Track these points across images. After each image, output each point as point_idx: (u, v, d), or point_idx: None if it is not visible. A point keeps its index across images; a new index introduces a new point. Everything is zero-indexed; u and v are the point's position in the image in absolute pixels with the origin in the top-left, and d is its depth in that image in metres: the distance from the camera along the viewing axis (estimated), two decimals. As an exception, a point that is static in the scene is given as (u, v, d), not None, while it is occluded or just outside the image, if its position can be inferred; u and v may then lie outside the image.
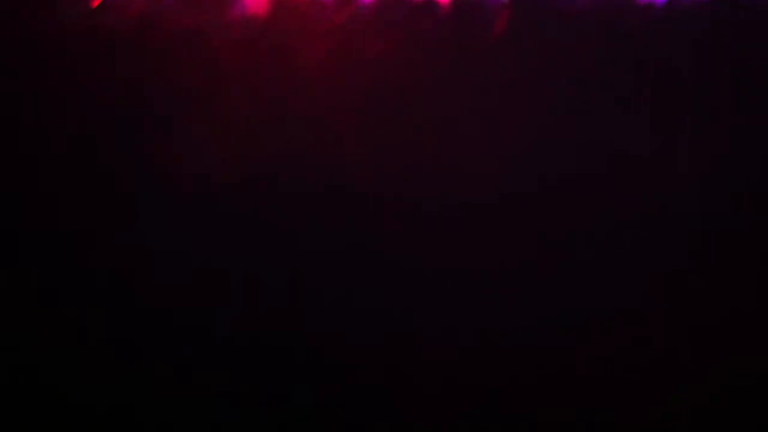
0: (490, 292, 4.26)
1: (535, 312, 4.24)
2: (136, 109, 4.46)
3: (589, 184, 4.31)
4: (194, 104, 4.46)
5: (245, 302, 4.30)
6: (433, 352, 4.25)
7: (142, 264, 4.33)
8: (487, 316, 4.26)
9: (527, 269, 4.28)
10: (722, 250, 4.27)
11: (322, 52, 4.46)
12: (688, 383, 4.20)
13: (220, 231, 4.35)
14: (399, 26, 4.46)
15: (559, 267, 4.28)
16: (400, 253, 4.31)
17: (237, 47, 4.48)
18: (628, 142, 4.34)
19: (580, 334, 4.24)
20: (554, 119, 4.38)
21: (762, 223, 4.28)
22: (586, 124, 4.36)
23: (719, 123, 4.35)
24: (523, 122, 4.39)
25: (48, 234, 4.36)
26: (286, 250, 4.34)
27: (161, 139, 4.41)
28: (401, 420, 4.21)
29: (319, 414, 4.20)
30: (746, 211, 4.29)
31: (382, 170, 4.36)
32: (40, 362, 4.25)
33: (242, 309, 4.30)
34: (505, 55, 4.41)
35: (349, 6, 4.53)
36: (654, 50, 4.38)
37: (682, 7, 4.38)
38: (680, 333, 4.24)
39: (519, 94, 4.42)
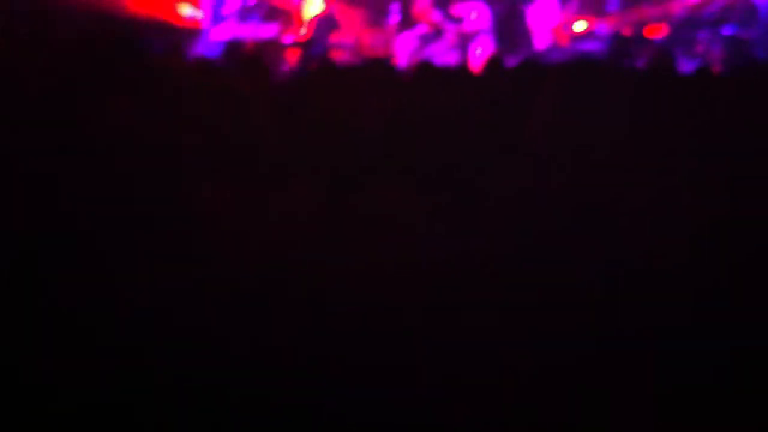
0: (490, 291, 4.27)
1: (535, 311, 4.25)
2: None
3: (590, 184, 4.33)
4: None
5: (245, 303, 4.31)
6: (433, 352, 4.25)
7: (142, 264, 4.34)
8: (487, 316, 4.26)
9: (527, 269, 4.29)
10: (722, 250, 4.28)
11: None
12: (688, 383, 4.20)
13: (220, 232, 4.37)
14: None
15: (559, 267, 4.28)
16: (400, 253, 4.32)
17: None
18: (629, 142, 4.36)
19: (579, 333, 4.24)
20: (556, 118, 4.41)
21: (762, 223, 4.29)
22: (586, 123, 4.38)
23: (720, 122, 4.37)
24: (528, 121, 4.41)
25: (48, 234, 4.36)
26: (286, 250, 4.35)
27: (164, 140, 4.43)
28: (401, 420, 4.20)
29: (319, 414, 4.19)
30: (746, 211, 4.30)
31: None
32: (40, 362, 4.24)
33: (242, 309, 4.31)
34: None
35: None
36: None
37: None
38: (680, 333, 4.24)
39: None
